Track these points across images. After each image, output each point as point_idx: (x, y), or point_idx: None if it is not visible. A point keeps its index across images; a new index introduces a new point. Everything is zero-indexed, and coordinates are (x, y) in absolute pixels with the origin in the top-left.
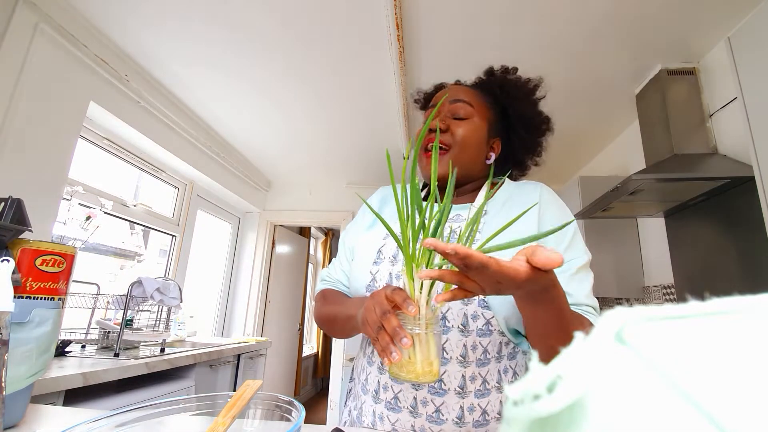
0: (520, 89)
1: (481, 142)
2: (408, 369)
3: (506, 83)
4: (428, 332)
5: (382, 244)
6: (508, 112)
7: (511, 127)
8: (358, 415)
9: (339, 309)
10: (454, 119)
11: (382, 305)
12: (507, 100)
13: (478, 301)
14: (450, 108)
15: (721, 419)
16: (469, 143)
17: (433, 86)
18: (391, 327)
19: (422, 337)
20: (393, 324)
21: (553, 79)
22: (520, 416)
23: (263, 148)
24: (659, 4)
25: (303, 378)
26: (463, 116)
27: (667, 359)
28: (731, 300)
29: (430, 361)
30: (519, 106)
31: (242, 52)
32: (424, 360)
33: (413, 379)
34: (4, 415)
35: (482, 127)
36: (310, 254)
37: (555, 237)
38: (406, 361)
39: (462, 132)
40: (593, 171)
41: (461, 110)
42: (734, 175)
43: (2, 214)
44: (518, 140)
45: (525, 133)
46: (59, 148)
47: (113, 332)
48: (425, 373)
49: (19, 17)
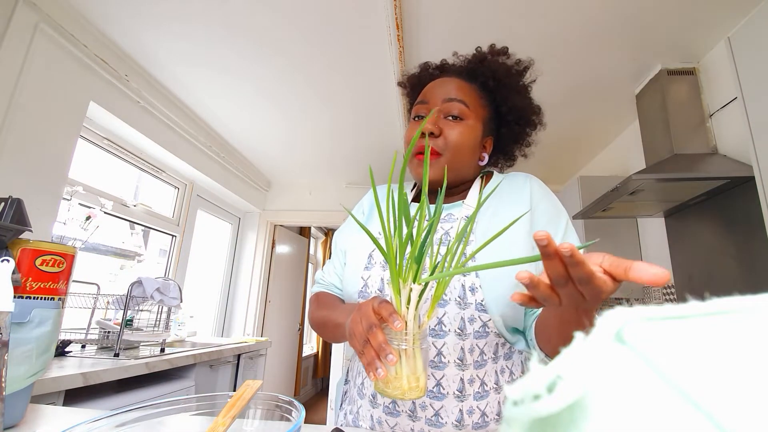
0: (512, 78)
1: (476, 145)
2: (394, 385)
3: (498, 70)
4: (415, 347)
5: (373, 248)
6: (501, 108)
7: (503, 120)
8: (354, 419)
9: (329, 315)
10: (447, 118)
11: (369, 318)
12: (500, 93)
13: (476, 305)
14: (443, 107)
15: (720, 419)
16: (463, 148)
17: (419, 67)
18: (376, 342)
19: (409, 353)
20: (379, 339)
21: (553, 79)
22: (520, 416)
23: (263, 148)
24: (659, 4)
25: (303, 378)
26: (457, 115)
27: (666, 359)
28: (731, 300)
29: (417, 376)
30: (512, 99)
31: (242, 53)
32: (410, 375)
33: (399, 397)
34: (4, 415)
35: (477, 128)
36: (310, 254)
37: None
38: (393, 376)
39: (455, 136)
40: (593, 171)
41: (455, 109)
42: (734, 175)
43: (2, 214)
44: (509, 133)
45: (517, 125)
46: (59, 148)
47: (113, 332)
48: (411, 389)
49: (19, 17)
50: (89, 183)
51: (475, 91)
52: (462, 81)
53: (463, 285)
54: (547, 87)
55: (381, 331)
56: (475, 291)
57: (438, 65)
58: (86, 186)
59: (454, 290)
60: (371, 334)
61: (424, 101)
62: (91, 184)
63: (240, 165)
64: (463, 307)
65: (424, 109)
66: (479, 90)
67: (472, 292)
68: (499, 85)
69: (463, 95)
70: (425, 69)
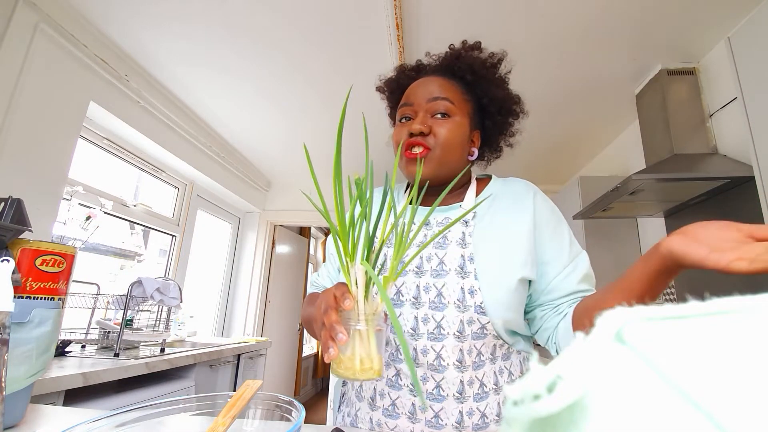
0: (489, 70)
1: (464, 140)
2: (346, 365)
3: (474, 64)
4: (369, 328)
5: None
6: (482, 100)
7: (486, 112)
8: (353, 421)
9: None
10: (434, 116)
11: (327, 301)
12: (479, 86)
13: (474, 308)
14: (428, 106)
15: (720, 419)
16: (453, 144)
17: (395, 69)
18: (329, 322)
19: (363, 334)
20: (331, 319)
21: (553, 79)
22: (520, 416)
23: (263, 148)
24: (659, 4)
25: (303, 378)
26: (444, 112)
27: (666, 359)
28: (731, 300)
29: (371, 358)
30: (491, 90)
31: (242, 53)
32: (365, 357)
33: (350, 377)
34: (4, 415)
35: (464, 123)
36: (310, 254)
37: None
38: (347, 357)
39: (445, 133)
40: (593, 171)
41: (441, 107)
42: (734, 175)
43: (2, 214)
44: (492, 124)
45: (499, 116)
46: (59, 148)
47: (113, 332)
48: (364, 370)
49: (19, 17)
50: (89, 183)
51: (456, 86)
52: (443, 79)
53: (462, 288)
54: (547, 87)
55: (335, 312)
56: (474, 294)
57: (414, 66)
58: (86, 186)
59: (453, 293)
60: (326, 316)
61: (409, 103)
62: (91, 184)
63: (240, 165)
64: (463, 310)
65: (409, 110)
66: (460, 85)
67: (471, 294)
68: (477, 77)
69: (446, 92)
70: (402, 71)
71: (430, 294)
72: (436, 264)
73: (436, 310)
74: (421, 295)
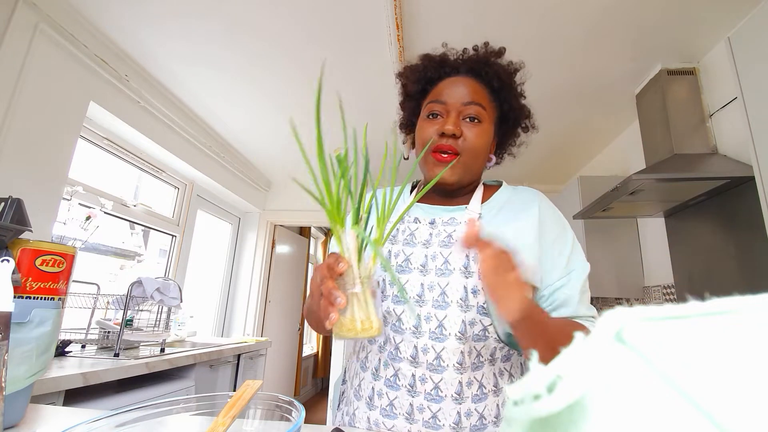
0: (511, 77)
1: (489, 147)
2: (347, 327)
3: (502, 72)
4: (364, 289)
5: None
6: (503, 108)
7: (503, 120)
8: (351, 420)
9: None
10: (464, 120)
11: (321, 272)
12: (502, 94)
13: (477, 308)
14: (461, 109)
15: (720, 418)
16: (480, 150)
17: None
18: (326, 290)
19: (359, 296)
20: (328, 287)
21: (553, 79)
22: (521, 416)
23: (263, 148)
24: (659, 4)
25: (303, 378)
26: (475, 116)
27: (666, 359)
28: (731, 300)
29: (369, 317)
30: (512, 100)
31: (242, 52)
32: (364, 318)
33: (352, 337)
34: (4, 415)
35: (490, 130)
36: (310, 254)
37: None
38: (348, 320)
39: (474, 138)
40: (593, 171)
41: (473, 111)
42: (734, 175)
43: (2, 214)
44: (503, 134)
45: (513, 127)
46: (59, 148)
47: (113, 332)
48: (365, 329)
49: (19, 17)
50: (89, 183)
51: (486, 92)
52: (476, 82)
53: (465, 287)
54: (547, 87)
55: (331, 280)
56: (477, 293)
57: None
58: (86, 186)
59: (456, 292)
60: (323, 286)
61: (441, 101)
62: (91, 184)
63: (240, 165)
64: (465, 310)
65: (441, 108)
66: (488, 91)
67: (474, 294)
68: (502, 85)
69: (479, 97)
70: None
71: (433, 292)
72: (441, 263)
73: (438, 309)
74: (425, 293)
